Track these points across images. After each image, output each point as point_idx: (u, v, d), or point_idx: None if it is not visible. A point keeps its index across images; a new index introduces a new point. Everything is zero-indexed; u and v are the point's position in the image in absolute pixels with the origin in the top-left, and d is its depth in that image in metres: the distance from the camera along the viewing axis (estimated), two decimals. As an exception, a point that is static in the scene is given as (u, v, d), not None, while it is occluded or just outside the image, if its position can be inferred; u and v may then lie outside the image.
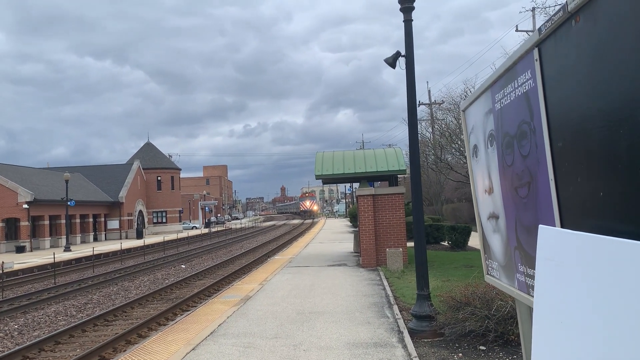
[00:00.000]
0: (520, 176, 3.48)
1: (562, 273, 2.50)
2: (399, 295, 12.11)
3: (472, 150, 4.78)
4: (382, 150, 21.01)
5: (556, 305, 2.49)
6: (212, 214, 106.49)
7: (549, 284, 2.58)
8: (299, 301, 11.77)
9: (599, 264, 2.25)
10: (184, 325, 9.99)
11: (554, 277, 2.55)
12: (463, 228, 22.86)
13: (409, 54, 9.38)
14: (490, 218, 4.39)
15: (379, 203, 18.39)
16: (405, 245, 18.14)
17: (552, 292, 2.55)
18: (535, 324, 2.62)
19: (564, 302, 2.44)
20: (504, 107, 3.68)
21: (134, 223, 60.45)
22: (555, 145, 2.90)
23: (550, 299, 2.55)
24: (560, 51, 2.75)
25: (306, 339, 8.42)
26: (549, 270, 2.60)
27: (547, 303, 2.57)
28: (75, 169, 59.54)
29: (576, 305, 2.37)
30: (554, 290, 2.54)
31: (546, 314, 2.57)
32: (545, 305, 2.58)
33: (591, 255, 2.32)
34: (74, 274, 25.25)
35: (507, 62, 3.53)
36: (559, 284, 2.50)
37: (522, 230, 3.57)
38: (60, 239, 45.72)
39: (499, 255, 4.26)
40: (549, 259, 2.63)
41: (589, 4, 2.38)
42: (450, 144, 30.55)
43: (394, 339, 8.18)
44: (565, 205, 2.86)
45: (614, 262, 2.16)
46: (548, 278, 2.60)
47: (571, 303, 2.40)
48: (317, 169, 19.54)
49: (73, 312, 15.11)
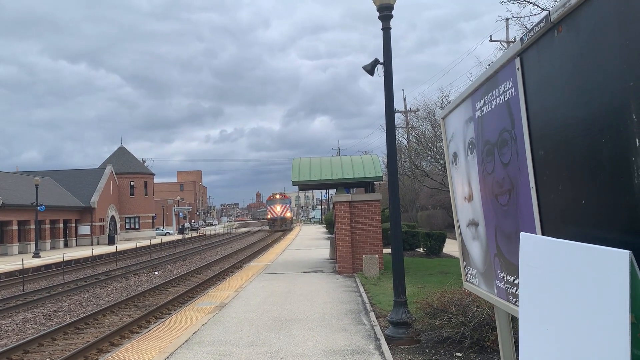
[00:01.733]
0: (501, 184, 3.51)
1: (544, 280, 2.52)
2: (375, 302, 12.12)
3: (452, 157, 4.81)
4: (359, 157, 21.08)
5: (540, 312, 2.51)
6: (186, 220, 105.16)
7: (533, 291, 2.60)
8: (275, 308, 11.67)
9: (580, 271, 2.27)
10: (158, 333, 9.81)
11: (537, 284, 2.57)
12: (438, 235, 23.05)
13: (387, 62, 9.44)
14: (469, 225, 4.42)
15: (355, 210, 18.42)
16: (381, 252, 18.19)
17: (536, 299, 2.56)
18: (522, 331, 2.63)
19: (548, 309, 2.46)
20: (484, 115, 3.71)
21: (106, 229, 59.37)
22: (537, 154, 2.92)
23: (535, 306, 2.56)
24: (542, 61, 2.78)
25: (283, 346, 8.34)
26: (533, 277, 2.62)
27: (532, 310, 2.58)
28: (46, 173, 58.21)
29: (559, 311, 2.39)
30: (538, 297, 2.56)
31: (532, 321, 2.58)
32: (530, 312, 2.60)
33: (573, 263, 2.34)
34: (44, 281, 24.63)
35: (488, 71, 3.56)
36: (542, 291, 2.52)
37: (502, 238, 3.59)
38: (29, 244, 44.59)
39: (478, 262, 4.28)
40: (532, 266, 2.65)
41: (571, 15, 2.41)
42: (425, 151, 30.82)
43: (371, 346, 8.16)
44: (546, 212, 2.89)
45: (595, 269, 2.18)
46: (532, 285, 2.61)
47: (555, 309, 2.42)
48: (294, 175, 19.50)
49: (42, 320, 14.72)
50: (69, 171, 62.42)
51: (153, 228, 71.63)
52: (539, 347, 2.49)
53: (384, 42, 9.37)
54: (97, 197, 56.81)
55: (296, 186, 20.81)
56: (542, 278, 2.54)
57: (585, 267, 2.27)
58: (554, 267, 2.49)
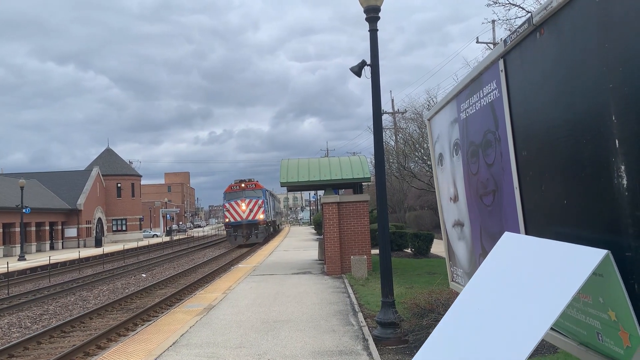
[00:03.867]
0: (485, 184, 3.54)
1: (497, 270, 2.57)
2: (363, 303, 12.14)
3: (438, 158, 4.84)
4: (347, 158, 21.12)
5: (483, 296, 2.57)
6: (173, 222, 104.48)
7: (482, 280, 2.66)
8: (263, 310, 11.65)
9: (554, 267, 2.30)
10: (145, 336, 9.74)
11: (490, 274, 2.63)
12: (426, 235, 23.16)
13: (374, 63, 9.47)
14: (455, 225, 4.45)
15: (343, 210, 18.44)
16: (369, 253, 18.23)
17: (480, 287, 2.63)
18: (452, 307, 2.70)
19: (492, 294, 2.52)
20: (469, 117, 3.74)
21: (92, 231, 58.81)
22: (520, 154, 2.96)
23: (474, 294, 2.63)
24: (525, 62, 2.81)
25: (271, 348, 8.33)
26: (489, 268, 2.68)
27: (469, 296, 2.65)
28: (31, 175, 57.55)
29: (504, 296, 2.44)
30: (483, 285, 2.62)
31: (468, 298, 2.64)
32: (466, 298, 2.66)
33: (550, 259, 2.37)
34: (29, 284, 24.33)
35: (472, 73, 3.60)
36: (497, 279, 2.58)
37: (487, 238, 3.62)
38: (15, 247, 44.03)
39: (464, 262, 4.31)
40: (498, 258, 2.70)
41: (553, 18, 2.45)
42: (413, 152, 30.96)
43: (358, 347, 8.18)
44: (529, 213, 2.92)
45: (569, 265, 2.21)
46: (484, 275, 2.67)
47: (499, 295, 2.48)
48: (282, 176, 19.48)
49: (28, 323, 14.55)
50: (55, 173, 61.77)
51: (140, 230, 71.07)
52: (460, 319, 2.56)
53: (370, 43, 9.41)
54: (83, 199, 56.26)
55: (285, 187, 20.80)
56: (496, 269, 2.60)
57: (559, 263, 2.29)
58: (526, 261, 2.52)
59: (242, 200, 42.45)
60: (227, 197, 43.96)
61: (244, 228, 41.67)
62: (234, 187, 43.86)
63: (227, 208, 43.12)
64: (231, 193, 43.81)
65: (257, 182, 44.85)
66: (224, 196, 44.38)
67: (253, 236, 41.65)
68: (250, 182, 44.13)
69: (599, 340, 2.31)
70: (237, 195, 43.10)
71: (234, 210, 42.31)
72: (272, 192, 59.91)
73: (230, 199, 43.29)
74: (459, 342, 2.42)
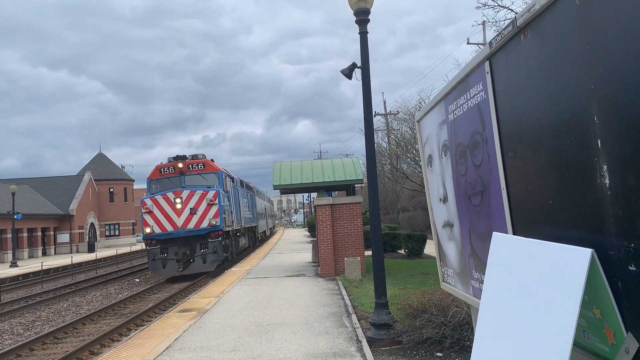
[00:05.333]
0: (474, 185, 3.57)
1: (505, 277, 2.58)
2: (357, 304, 12.15)
3: (427, 160, 4.87)
4: (340, 160, 21.15)
5: (497, 308, 2.57)
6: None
7: (494, 288, 2.66)
8: (257, 313, 11.64)
9: (543, 268, 2.33)
10: (139, 341, 9.71)
11: (499, 281, 2.63)
12: (419, 236, 23.22)
13: (364, 65, 9.51)
14: (445, 226, 4.48)
15: (337, 212, 18.47)
16: (363, 254, 18.25)
17: (496, 295, 2.63)
18: (478, 327, 2.69)
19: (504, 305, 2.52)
20: (457, 118, 3.78)
21: (85, 236, 58.49)
22: (507, 155, 2.99)
23: (494, 302, 2.63)
24: (510, 64, 2.84)
25: (265, 351, 8.33)
26: (495, 275, 2.68)
27: (491, 306, 2.65)
28: (23, 180, 57.16)
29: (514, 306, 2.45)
30: (497, 293, 2.62)
31: (488, 316, 2.64)
32: (489, 308, 2.66)
33: (538, 260, 2.40)
34: (21, 291, 24.17)
35: (459, 75, 3.63)
36: (502, 288, 2.58)
37: (476, 238, 3.65)
38: (7, 254, 43.69)
39: (454, 262, 4.34)
40: (496, 264, 2.71)
41: (536, 20, 2.48)
42: (405, 153, 31.05)
43: (352, 348, 8.19)
44: (516, 213, 2.95)
45: (559, 266, 2.24)
46: (494, 282, 2.67)
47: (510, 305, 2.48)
48: (275, 179, 19.48)
49: (20, 330, 14.45)
50: (47, 178, 61.40)
51: (133, 235, 70.73)
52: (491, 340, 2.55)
53: (361, 45, 9.45)
54: (75, 204, 55.96)
55: (278, 190, 20.80)
56: (503, 275, 2.61)
57: (547, 264, 2.33)
58: (516, 264, 2.55)
59: (176, 192, 22.88)
60: (152, 187, 23.89)
61: (179, 245, 22.68)
62: (163, 169, 23.92)
63: (147, 208, 22.84)
64: (159, 181, 23.87)
65: (209, 160, 25.14)
66: (148, 187, 24.23)
67: (197, 260, 22.58)
68: (194, 160, 24.22)
69: (585, 338, 2.35)
70: (168, 183, 23.62)
71: (161, 211, 22.82)
72: (248, 183, 38.08)
73: (157, 191, 23.57)
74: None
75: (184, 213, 22.66)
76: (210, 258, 22.68)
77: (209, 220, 22.56)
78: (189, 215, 22.62)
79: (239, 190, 30.23)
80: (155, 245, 22.86)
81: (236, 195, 28.44)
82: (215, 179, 24.27)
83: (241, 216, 29.36)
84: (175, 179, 23.71)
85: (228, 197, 25.29)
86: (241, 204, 30.16)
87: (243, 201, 31.44)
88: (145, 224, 22.83)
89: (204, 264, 22.57)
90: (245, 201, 32.90)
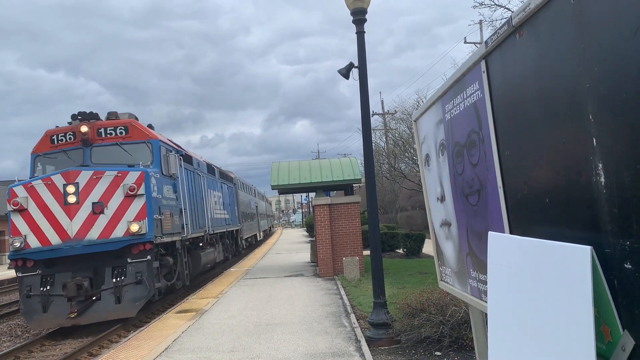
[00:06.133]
0: (471, 184, 3.58)
1: (511, 278, 2.58)
2: (356, 304, 12.16)
3: (424, 159, 4.88)
4: (338, 160, 21.16)
5: (507, 310, 2.57)
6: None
7: (501, 289, 2.66)
8: (256, 313, 11.64)
9: (546, 268, 2.34)
10: (137, 342, 9.70)
11: (505, 282, 2.63)
12: (417, 235, 23.25)
13: (361, 65, 9.52)
14: (442, 225, 4.49)
15: (335, 212, 18.47)
16: (361, 254, 18.26)
17: (503, 297, 2.62)
18: (490, 330, 2.69)
19: (514, 306, 2.52)
20: (453, 117, 3.78)
21: None
22: (503, 154, 3.00)
23: (502, 304, 2.62)
24: (506, 63, 2.85)
25: (264, 351, 8.33)
26: (500, 275, 2.68)
27: (500, 308, 2.64)
28: (20, 182, 56.94)
29: (526, 307, 2.45)
30: (505, 294, 2.62)
31: (499, 318, 2.64)
32: (498, 310, 2.66)
33: (538, 260, 2.41)
34: (19, 292, 24.08)
35: (456, 74, 3.63)
36: (509, 289, 2.58)
37: (474, 237, 3.66)
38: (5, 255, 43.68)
39: (451, 261, 4.35)
40: (499, 264, 2.71)
41: (531, 19, 2.49)
42: (403, 153, 31.11)
43: (351, 348, 8.20)
44: (513, 212, 2.96)
45: (560, 265, 2.25)
46: (499, 283, 2.67)
47: (521, 306, 2.48)
48: (272, 179, 19.48)
49: (19, 332, 14.43)
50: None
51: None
52: (506, 344, 2.54)
53: (358, 45, 9.45)
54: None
55: (276, 190, 20.80)
56: (508, 276, 2.61)
57: (550, 263, 2.33)
58: (520, 264, 2.56)
59: (68, 175, 12.56)
60: (37, 167, 14.29)
61: (74, 270, 12.58)
62: (57, 137, 14.14)
63: (17, 203, 12.71)
64: (50, 157, 14.18)
65: (132, 119, 14.62)
66: (31, 167, 14.36)
67: (105, 298, 12.57)
68: (111, 122, 14.22)
69: (582, 336, 2.35)
70: (65, 161, 13.88)
71: (42, 209, 12.53)
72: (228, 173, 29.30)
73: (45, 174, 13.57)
74: None
75: (82, 212, 12.42)
76: (131, 293, 12.60)
77: (129, 224, 12.45)
78: (90, 216, 12.45)
79: (205, 177, 20.50)
80: (31, 269, 12.52)
81: (196, 184, 18.77)
82: (148, 152, 13.94)
83: (207, 217, 19.88)
84: (77, 153, 13.86)
85: (174, 186, 15.26)
86: (209, 198, 20.76)
87: (213, 195, 21.99)
88: (14, 232, 12.58)
89: (117, 304, 12.51)
90: (218, 195, 23.39)
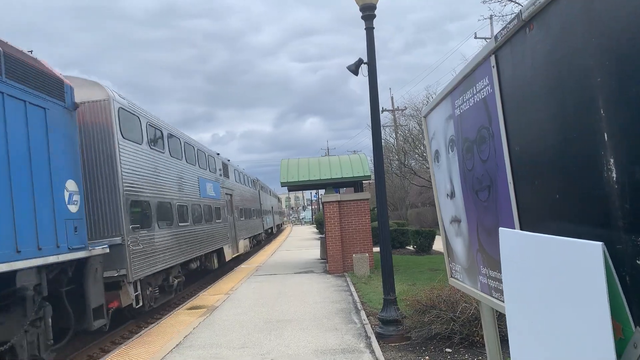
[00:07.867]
0: (481, 180, 3.55)
1: (526, 275, 2.56)
2: (366, 301, 12.16)
3: (434, 155, 4.86)
4: (347, 157, 21.13)
5: (525, 308, 2.55)
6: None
7: (517, 287, 2.64)
8: (266, 309, 11.68)
9: (558, 264, 2.32)
10: (149, 338, 9.78)
11: (520, 279, 2.61)
12: (427, 232, 23.16)
13: (371, 61, 9.48)
14: (452, 222, 4.47)
15: (344, 209, 18.46)
16: (371, 251, 18.24)
17: (520, 295, 2.60)
18: (510, 328, 2.68)
19: (531, 304, 2.50)
20: (463, 113, 3.76)
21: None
22: (513, 150, 2.97)
23: (519, 302, 2.60)
24: (515, 58, 2.82)
25: (274, 347, 8.36)
26: (515, 273, 2.66)
27: (517, 306, 2.62)
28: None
29: (543, 305, 2.43)
30: (521, 292, 2.60)
31: (518, 317, 2.62)
32: (516, 308, 2.64)
33: (549, 256, 2.39)
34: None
35: (465, 69, 3.61)
36: (525, 286, 2.56)
37: (484, 233, 3.64)
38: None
39: (461, 258, 4.33)
40: (513, 261, 2.69)
41: (541, 13, 2.46)
42: (413, 149, 30.97)
43: (361, 345, 8.20)
44: (523, 207, 2.94)
45: (572, 262, 2.23)
46: (515, 280, 2.66)
47: (538, 303, 2.46)
48: (282, 176, 19.51)
49: (32, 328, 14.60)
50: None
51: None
52: (527, 343, 2.53)
53: (367, 41, 9.42)
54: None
55: (285, 187, 20.82)
56: (523, 273, 2.59)
57: (561, 259, 2.31)
58: (534, 261, 2.54)
59: None
60: None
61: None
62: None
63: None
64: None
65: None
66: None
67: None
68: None
69: (594, 333, 2.33)
70: None
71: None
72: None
73: None
74: None
75: None
76: None
77: None
78: None
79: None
80: None
81: None
82: None
83: None
84: None
85: None
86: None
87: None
88: None
89: None
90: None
